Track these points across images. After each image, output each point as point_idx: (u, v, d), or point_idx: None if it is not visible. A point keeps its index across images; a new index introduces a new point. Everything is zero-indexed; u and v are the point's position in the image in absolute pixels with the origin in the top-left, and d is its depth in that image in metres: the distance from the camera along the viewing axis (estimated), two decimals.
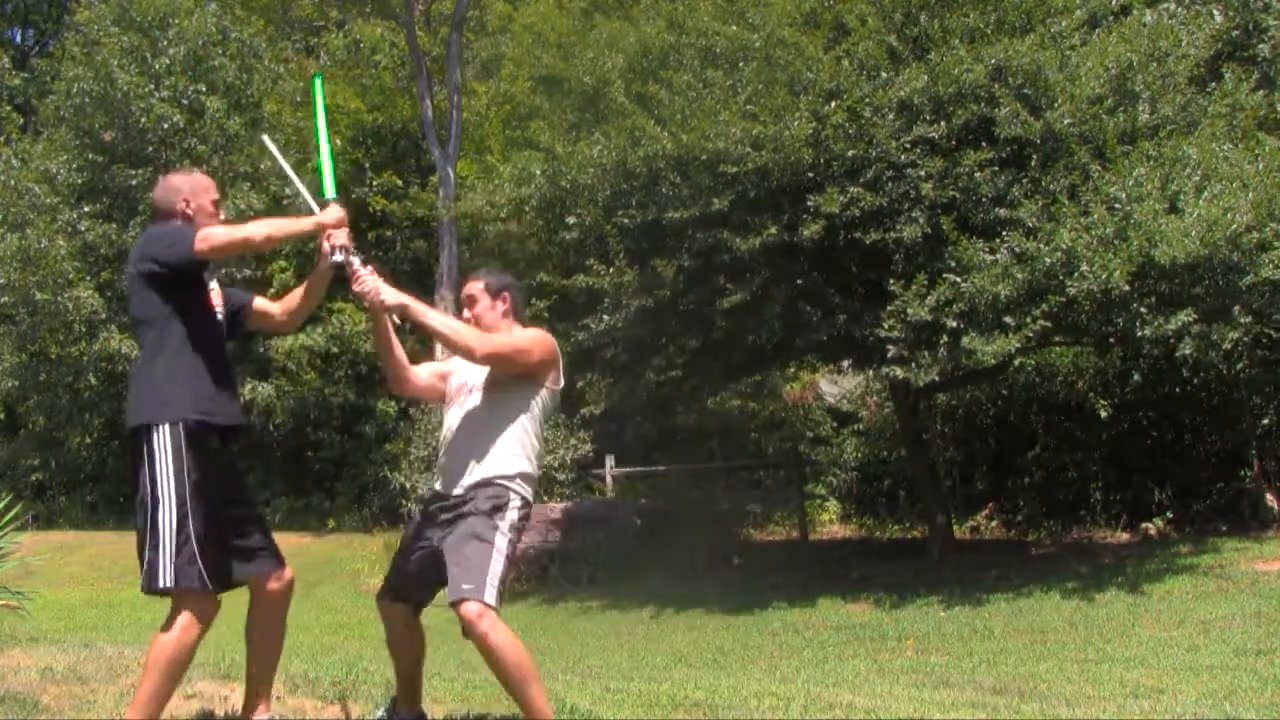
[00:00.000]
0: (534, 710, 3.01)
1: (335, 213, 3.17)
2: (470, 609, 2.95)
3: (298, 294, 3.37)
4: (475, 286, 3.41)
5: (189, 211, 3.17)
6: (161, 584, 2.87)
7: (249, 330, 3.43)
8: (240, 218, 17.56)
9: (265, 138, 3.97)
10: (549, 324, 10.62)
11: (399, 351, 3.40)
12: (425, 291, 18.79)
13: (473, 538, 3.07)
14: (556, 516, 11.68)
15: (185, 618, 2.87)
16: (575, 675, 5.18)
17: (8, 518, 6.00)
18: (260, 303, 3.46)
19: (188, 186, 3.21)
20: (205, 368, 3.04)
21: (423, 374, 3.49)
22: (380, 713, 3.39)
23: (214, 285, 3.20)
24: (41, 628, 6.22)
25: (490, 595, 2.98)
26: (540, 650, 7.56)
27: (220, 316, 3.24)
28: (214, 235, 2.99)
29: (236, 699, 3.66)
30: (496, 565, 3.03)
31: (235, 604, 3.12)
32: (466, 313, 3.39)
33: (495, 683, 3.15)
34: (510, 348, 3.25)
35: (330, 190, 3.25)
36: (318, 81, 3.68)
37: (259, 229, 3.05)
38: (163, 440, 2.91)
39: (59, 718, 3.41)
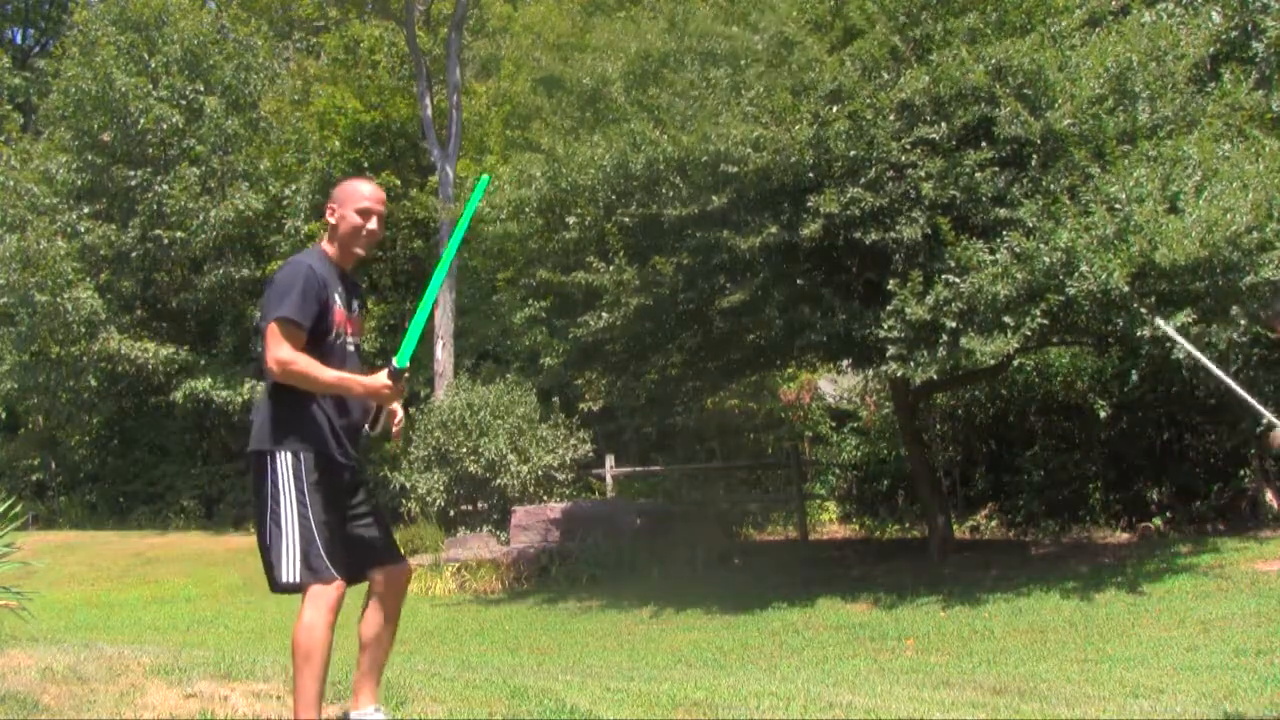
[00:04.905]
0: None
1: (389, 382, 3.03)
2: None
3: None
4: None
5: (332, 220, 3.16)
6: (285, 579, 2.97)
7: None
8: (239, 216, 17.61)
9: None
10: (547, 322, 10.60)
11: None
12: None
13: None
14: (556, 516, 11.69)
15: (312, 607, 2.96)
16: (575, 675, 5.17)
17: (8, 518, 5.99)
18: None
19: (341, 194, 3.18)
20: (321, 402, 3.07)
21: None
22: None
23: (354, 311, 3.16)
24: (41, 628, 6.22)
25: None
26: (540, 650, 7.57)
27: (350, 344, 3.17)
28: (295, 363, 2.96)
29: (236, 699, 3.67)
30: None
31: (241, 607, 3.11)
32: None
33: (495, 683, 3.14)
34: None
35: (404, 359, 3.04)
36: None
37: (329, 376, 3.00)
38: (284, 462, 3.00)
39: (59, 718, 3.41)
